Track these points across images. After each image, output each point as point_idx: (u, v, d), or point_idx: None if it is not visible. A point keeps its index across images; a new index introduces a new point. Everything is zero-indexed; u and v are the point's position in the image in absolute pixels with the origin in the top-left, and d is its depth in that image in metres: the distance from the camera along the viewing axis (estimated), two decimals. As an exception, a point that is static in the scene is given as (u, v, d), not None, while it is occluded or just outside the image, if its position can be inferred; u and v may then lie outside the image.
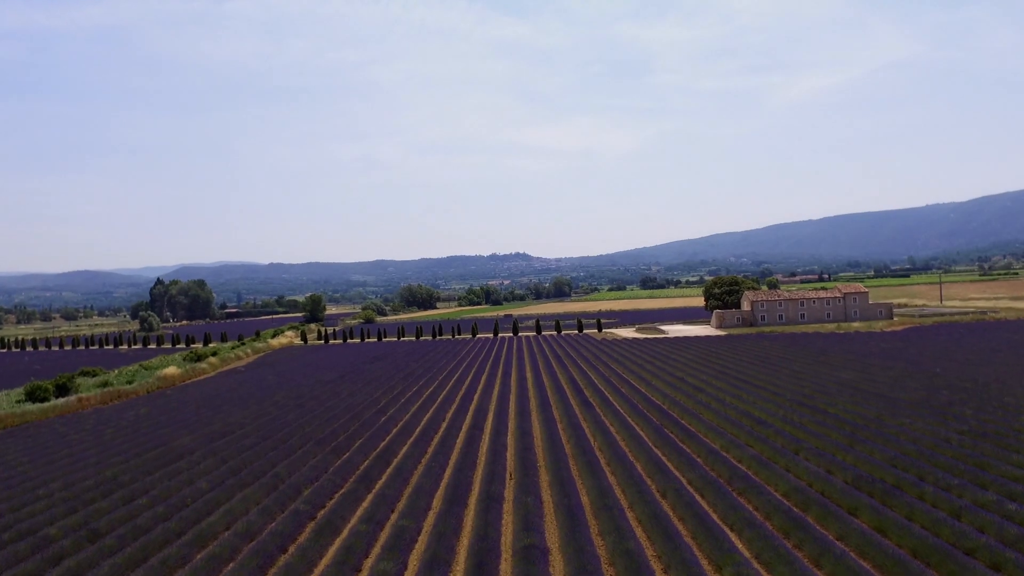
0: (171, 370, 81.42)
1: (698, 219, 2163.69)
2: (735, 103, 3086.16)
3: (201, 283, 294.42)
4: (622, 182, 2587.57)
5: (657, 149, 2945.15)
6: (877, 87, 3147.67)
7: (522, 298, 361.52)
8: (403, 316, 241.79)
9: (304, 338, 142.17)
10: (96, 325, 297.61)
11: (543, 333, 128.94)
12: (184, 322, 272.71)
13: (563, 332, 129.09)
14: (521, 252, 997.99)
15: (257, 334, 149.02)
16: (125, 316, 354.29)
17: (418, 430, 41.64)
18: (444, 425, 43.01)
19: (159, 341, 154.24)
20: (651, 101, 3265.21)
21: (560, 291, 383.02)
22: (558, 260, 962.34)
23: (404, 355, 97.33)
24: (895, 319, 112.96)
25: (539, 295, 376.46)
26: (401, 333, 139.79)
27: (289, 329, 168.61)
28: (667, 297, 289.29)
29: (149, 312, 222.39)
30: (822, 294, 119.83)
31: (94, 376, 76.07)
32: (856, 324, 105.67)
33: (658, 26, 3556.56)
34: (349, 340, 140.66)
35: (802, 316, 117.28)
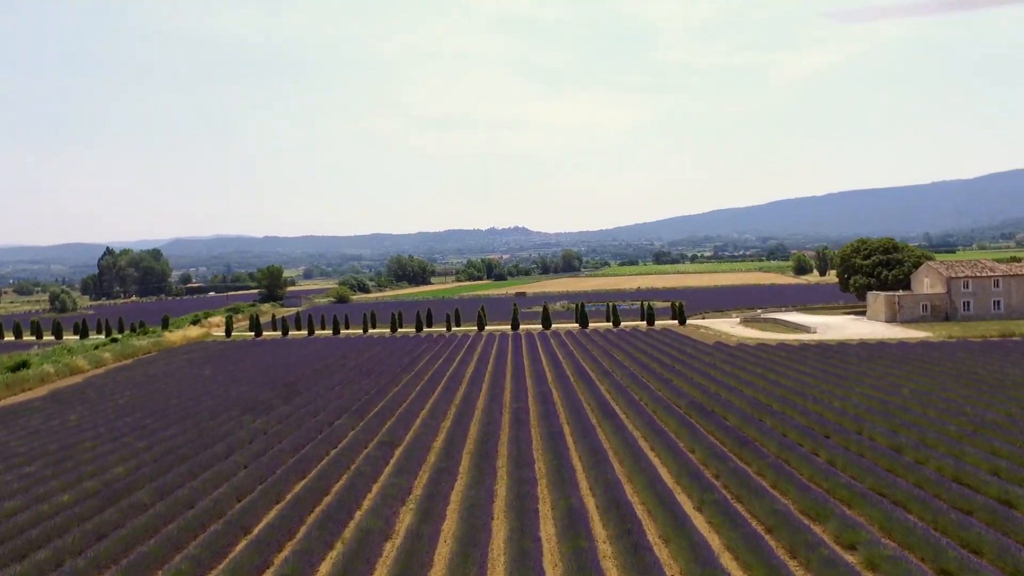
0: None
1: (699, 195, 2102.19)
2: (738, 79, 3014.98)
3: (156, 254, 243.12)
4: (622, 158, 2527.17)
5: (658, 125, 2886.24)
6: (880, 64, 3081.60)
7: (527, 272, 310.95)
8: (389, 293, 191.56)
9: (228, 329, 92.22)
10: (41, 302, 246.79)
11: (591, 326, 79.22)
12: (133, 299, 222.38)
13: (620, 323, 79.41)
14: (520, 226, 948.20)
15: (165, 322, 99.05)
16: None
17: None
18: None
19: (14, 333, 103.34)
20: (653, 77, 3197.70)
21: (569, 265, 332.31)
22: (557, 235, 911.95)
23: (352, 375, 47.76)
24: None
25: (546, 269, 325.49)
26: (371, 322, 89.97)
27: (226, 312, 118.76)
28: (698, 273, 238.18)
29: (63, 289, 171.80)
30: (1060, 266, 70.03)
31: None
32: None
33: (660, 1, 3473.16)
34: (292, 333, 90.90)
35: (1033, 303, 67.72)
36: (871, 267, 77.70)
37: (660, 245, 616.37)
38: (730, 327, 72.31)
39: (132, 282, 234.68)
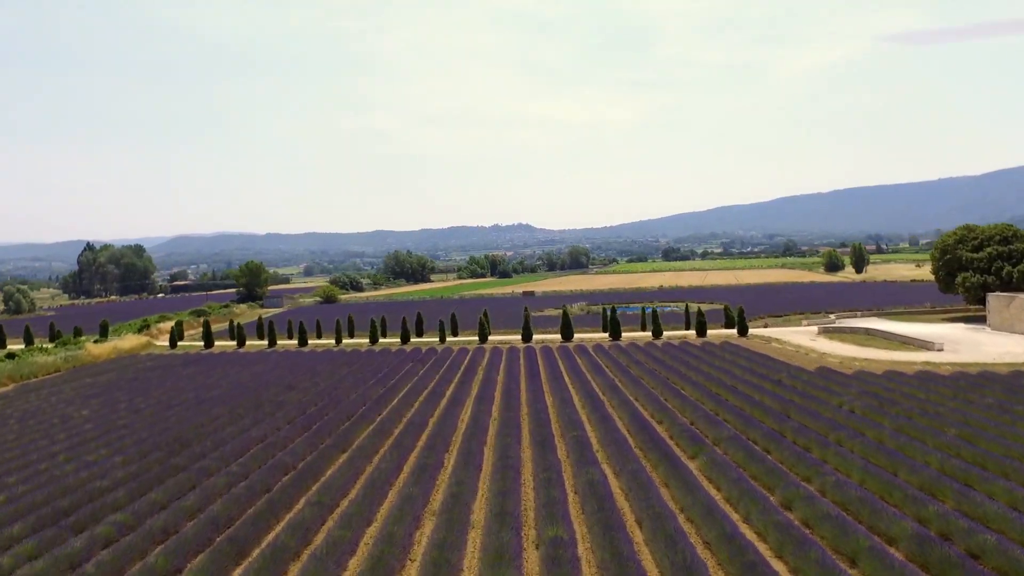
0: None
1: (703, 191, 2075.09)
2: (740, 75, 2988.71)
3: (138, 250, 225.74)
4: (625, 154, 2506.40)
5: (660, 121, 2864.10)
6: (886, 60, 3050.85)
7: (533, 269, 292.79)
8: (382, 292, 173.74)
9: (174, 338, 74.43)
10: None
11: (624, 336, 61.23)
12: (112, 298, 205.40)
13: (663, 333, 61.46)
14: (523, 223, 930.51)
15: (104, 328, 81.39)
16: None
17: None
18: None
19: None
20: (654, 73, 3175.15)
21: (577, 262, 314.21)
22: (561, 231, 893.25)
23: (285, 425, 29.78)
24: None
25: (552, 266, 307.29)
26: (348, 330, 72.18)
27: (188, 315, 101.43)
28: (716, 270, 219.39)
29: (18, 287, 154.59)
30: None
31: None
32: None
33: None
34: (252, 343, 73.18)
35: None
36: (986, 261, 59.73)
37: (666, 242, 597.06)
38: (809, 339, 54.40)
39: (113, 279, 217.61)
